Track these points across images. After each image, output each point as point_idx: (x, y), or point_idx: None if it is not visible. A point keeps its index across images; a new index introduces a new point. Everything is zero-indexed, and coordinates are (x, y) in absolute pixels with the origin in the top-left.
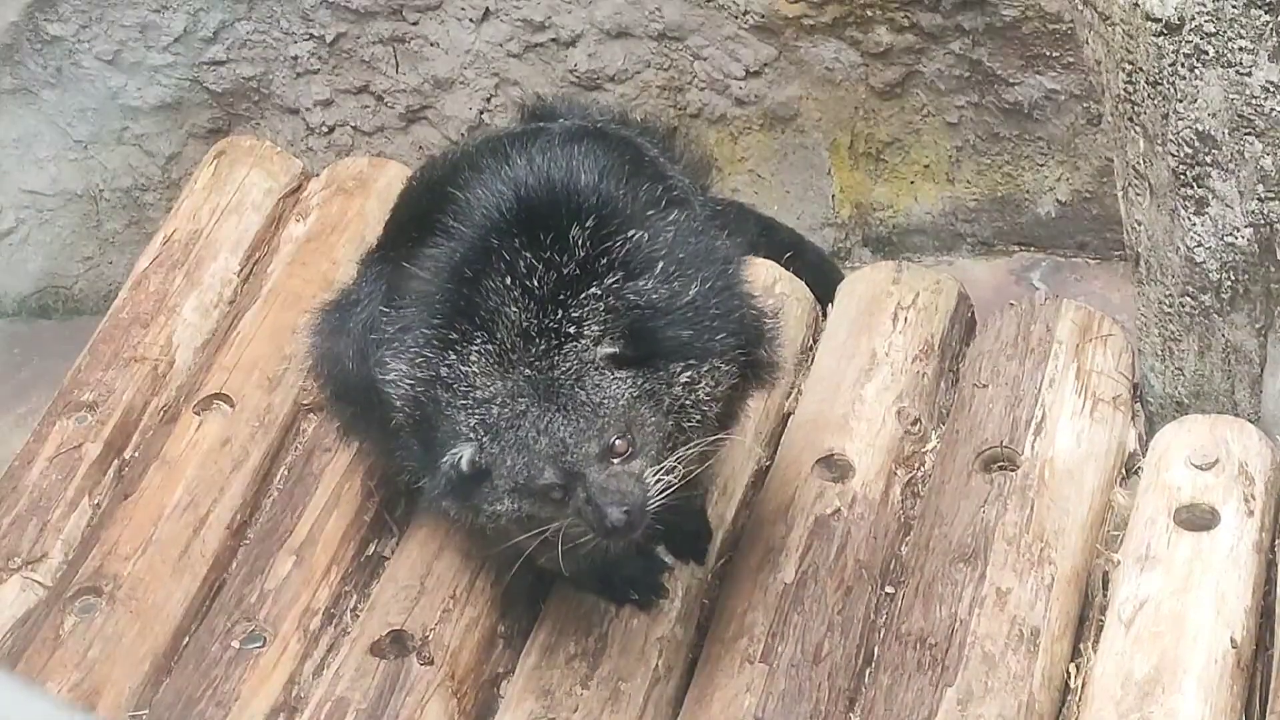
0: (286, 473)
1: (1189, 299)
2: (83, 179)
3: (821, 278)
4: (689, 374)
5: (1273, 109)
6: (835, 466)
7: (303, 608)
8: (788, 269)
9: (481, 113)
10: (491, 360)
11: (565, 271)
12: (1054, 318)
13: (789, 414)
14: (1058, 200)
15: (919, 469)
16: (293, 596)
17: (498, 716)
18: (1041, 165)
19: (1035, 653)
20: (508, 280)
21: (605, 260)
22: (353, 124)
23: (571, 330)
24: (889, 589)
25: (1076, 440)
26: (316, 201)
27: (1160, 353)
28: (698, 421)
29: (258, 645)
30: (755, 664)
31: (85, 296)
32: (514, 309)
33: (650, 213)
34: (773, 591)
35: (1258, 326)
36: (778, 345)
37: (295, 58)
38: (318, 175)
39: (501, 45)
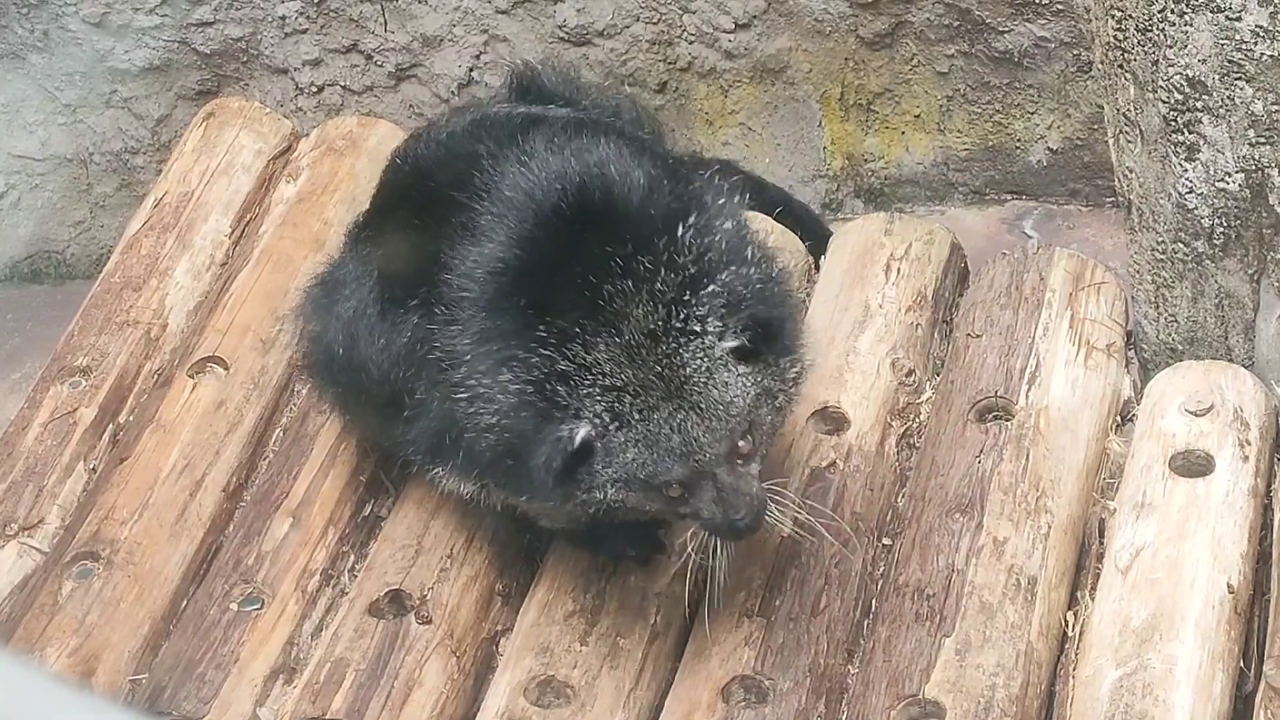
0: (281, 434)
1: (1181, 245)
2: (72, 143)
3: (810, 235)
4: (797, 367)
5: (1262, 53)
6: (830, 419)
7: (300, 569)
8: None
9: (471, 70)
10: (620, 352)
11: (684, 273)
12: (1047, 266)
13: None
14: (1049, 148)
15: (914, 420)
16: (290, 558)
17: (497, 674)
18: (1032, 113)
19: (1033, 601)
20: (630, 283)
21: (711, 255)
22: (342, 83)
23: (696, 328)
24: (886, 541)
25: (1071, 389)
26: (307, 162)
27: (1154, 300)
28: (782, 420)
29: (256, 607)
30: (753, 618)
31: (77, 261)
32: (639, 310)
33: (720, 202)
34: (769, 545)
35: (1250, 272)
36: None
37: (283, 18)
38: (307, 135)
39: (490, 2)
